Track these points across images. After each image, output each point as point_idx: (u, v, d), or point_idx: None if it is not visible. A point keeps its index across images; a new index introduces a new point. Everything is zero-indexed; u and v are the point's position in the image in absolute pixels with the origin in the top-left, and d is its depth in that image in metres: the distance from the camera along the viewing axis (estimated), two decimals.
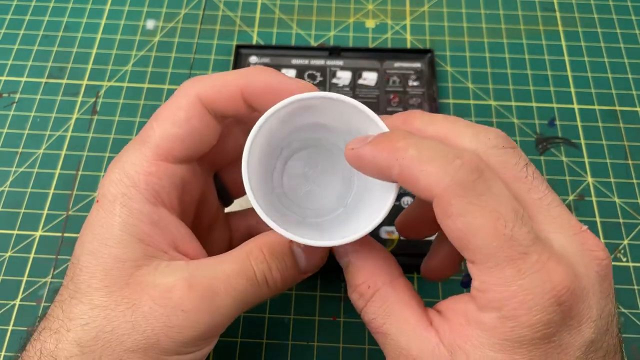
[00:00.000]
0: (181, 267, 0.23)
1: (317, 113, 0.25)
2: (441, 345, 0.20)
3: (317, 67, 0.42)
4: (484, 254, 0.19)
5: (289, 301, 0.34)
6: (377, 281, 0.23)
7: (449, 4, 0.47)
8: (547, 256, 0.19)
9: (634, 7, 0.47)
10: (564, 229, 0.21)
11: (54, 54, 0.44)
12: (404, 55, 0.43)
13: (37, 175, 0.39)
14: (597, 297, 0.20)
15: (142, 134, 0.25)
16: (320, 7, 0.47)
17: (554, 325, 0.19)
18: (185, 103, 0.24)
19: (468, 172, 0.19)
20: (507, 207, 0.19)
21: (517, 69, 0.44)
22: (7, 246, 0.36)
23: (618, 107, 0.42)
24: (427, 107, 0.41)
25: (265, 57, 0.43)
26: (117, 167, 0.24)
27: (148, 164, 0.24)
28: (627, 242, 0.37)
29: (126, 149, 0.25)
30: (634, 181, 0.39)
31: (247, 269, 0.23)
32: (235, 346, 0.33)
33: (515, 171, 0.21)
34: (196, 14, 0.47)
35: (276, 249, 0.24)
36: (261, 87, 0.24)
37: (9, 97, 0.42)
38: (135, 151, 0.24)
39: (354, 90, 0.41)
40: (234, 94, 0.24)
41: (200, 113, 0.24)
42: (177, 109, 0.24)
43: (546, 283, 0.19)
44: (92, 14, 0.46)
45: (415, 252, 0.34)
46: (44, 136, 0.40)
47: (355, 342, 0.33)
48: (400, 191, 0.30)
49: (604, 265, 0.20)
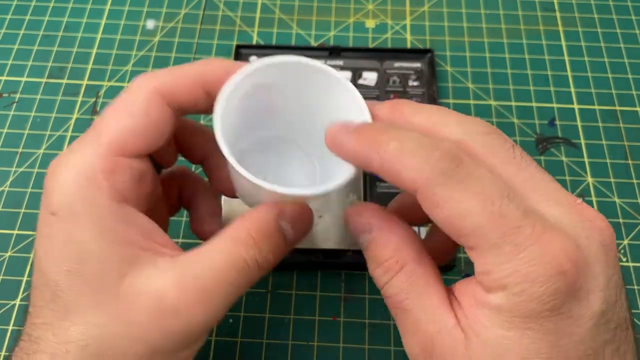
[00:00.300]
0: (167, 267, 0.22)
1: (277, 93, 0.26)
2: (458, 327, 0.21)
3: None
4: (477, 236, 0.19)
5: (289, 301, 0.34)
6: (405, 257, 0.22)
7: (449, 4, 0.47)
8: (541, 228, 0.19)
9: (634, 7, 0.47)
10: (559, 203, 0.21)
11: (54, 54, 0.44)
12: (404, 55, 0.43)
13: (38, 175, 0.39)
14: (603, 266, 0.20)
15: (94, 128, 0.23)
16: (320, 7, 0.47)
17: (560, 295, 0.18)
18: (143, 96, 0.23)
19: (448, 160, 0.19)
20: (491, 187, 0.19)
21: (517, 69, 0.44)
22: (7, 246, 0.36)
23: (618, 107, 0.42)
24: None
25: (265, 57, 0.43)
26: (68, 169, 0.22)
27: (105, 161, 0.23)
28: (627, 242, 0.37)
29: (75, 147, 0.23)
30: (634, 181, 0.39)
31: (237, 259, 0.22)
32: (235, 346, 0.33)
33: (503, 154, 0.21)
34: (196, 14, 0.47)
35: (264, 229, 0.23)
36: (221, 74, 0.24)
37: (9, 97, 0.42)
38: (87, 148, 0.23)
39: None
40: (194, 84, 0.24)
41: (159, 105, 0.23)
42: (135, 101, 0.23)
43: (546, 254, 0.19)
44: (92, 14, 0.46)
45: None
46: (44, 136, 0.40)
47: (355, 342, 0.33)
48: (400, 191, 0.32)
49: (607, 235, 0.20)
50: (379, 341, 0.33)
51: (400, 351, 0.33)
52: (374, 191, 0.36)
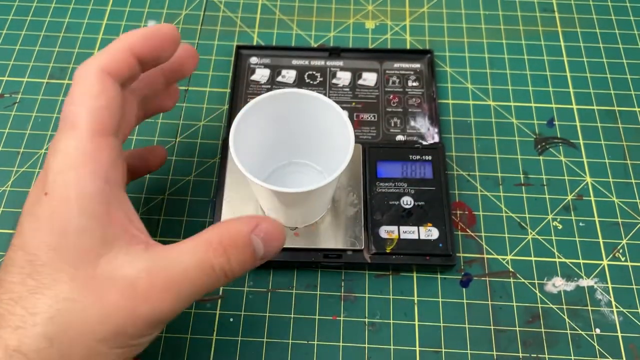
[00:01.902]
0: (142, 254, 0.24)
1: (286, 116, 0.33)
2: None
3: (317, 68, 0.43)
4: None
5: (289, 300, 0.35)
6: None
7: (448, 4, 0.48)
8: None
9: (633, 8, 0.47)
10: None
11: (55, 55, 0.44)
12: (404, 56, 0.43)
13: (39, 175, 0.39)
14: None
15: (65, 120, 0.25)
16: (320, 8, 0.47)
17: None
18: (93, 77, 0.25)
19: None
20: None
21: (516, 70, 0.44)
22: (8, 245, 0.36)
23: (617, 108, 0.42)
24: (426, 107, 0.41)
25: (265, 58, 0.43)
26: (59, 156, 0.24)
27: (90, 143, 0.24)
28: (626, 242, 0.37)
29: (58, 139, 0.25)
30: (633, 181, 0.39)
31: (205, 263, 0.24)
32: (235, 345, 0.33)
33: None
34: (197, 15, 0.47)
35: (236, 241, 0.25)
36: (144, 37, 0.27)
37: (11, 97, 0.42)
38: (69, 137, 0.24)
39: (354, 90, 0.42)
40: (127, 54, 0.26)
41: (110, 82, 0.25)
42: (89, 84, 0.25)
43: None
44: (93, 14, 0.47)
45: (413, 252, 0.34)
46: (46, 136, 0.41)
47: (355, 342, 0.33)
48: (400, 190, 0.36)
49: None
50: (379, 341, 0.33)
51: (400, 351, 0.33)
52: (373, 191, 0.36)
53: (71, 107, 0.25)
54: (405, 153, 0.38)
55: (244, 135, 0.30)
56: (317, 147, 0.35)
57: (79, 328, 0.22)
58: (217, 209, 0.35)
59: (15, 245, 0.24)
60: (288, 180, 0.36)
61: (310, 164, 0.37)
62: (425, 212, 0.36)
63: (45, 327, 0.22)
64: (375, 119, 0.40)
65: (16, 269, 0.23)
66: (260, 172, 0.35)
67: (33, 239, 0.23)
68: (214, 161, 0.40)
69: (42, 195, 0.24)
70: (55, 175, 0.24)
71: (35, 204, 0.24)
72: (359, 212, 0.35)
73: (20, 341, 0.22)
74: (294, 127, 0.33)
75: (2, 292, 0.23)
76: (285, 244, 0.33)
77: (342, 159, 0.29)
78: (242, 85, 0.42)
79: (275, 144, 0.34)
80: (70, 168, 0.24)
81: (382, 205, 0.36)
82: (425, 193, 0.36)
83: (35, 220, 0.24)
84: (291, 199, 0.30)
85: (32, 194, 0.25)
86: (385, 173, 0.37)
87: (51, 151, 0.25)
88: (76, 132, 0.24)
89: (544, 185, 0.39)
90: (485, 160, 0.40)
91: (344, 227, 0.35)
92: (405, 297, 0.35)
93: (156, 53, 0.27)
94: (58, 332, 0.22)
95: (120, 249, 0.24)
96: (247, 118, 0.30)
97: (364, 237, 0.35)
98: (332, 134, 0.32)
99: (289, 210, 0.33)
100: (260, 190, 0.30)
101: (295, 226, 0.35)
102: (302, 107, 0.32)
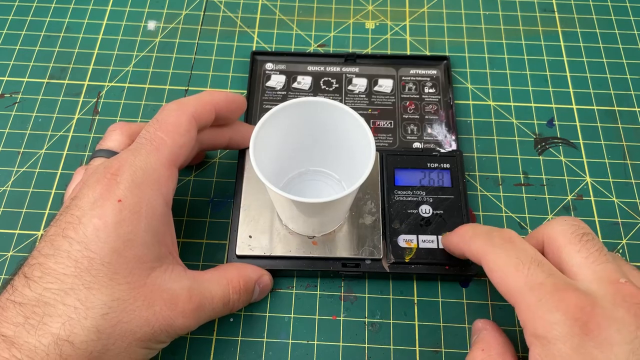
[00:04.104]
0: (183, 275, 0.28)
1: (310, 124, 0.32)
2: None
3: (332, 74, 0.42)
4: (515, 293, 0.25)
5: (289, 300, 0.35)
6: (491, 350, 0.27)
7: (448, 4, 0.48)
8: (563, 285, 0.24)
9: (633, 8, 0.47)
10: (600, 280, 0.24)
11: (56, 55, 0.44)
12: (420, 62, 0.43)
13: (39, 175, 0.39)
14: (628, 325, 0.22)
15: (152, 142, 0.29)
16: (320, 8, 0.47)
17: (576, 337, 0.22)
18: (185, 119, 0.30)
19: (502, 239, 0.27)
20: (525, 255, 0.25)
21: (516, 70, 0.44)
22: (9, 246, 0.36)
23: (616, 108, 0.42)
24: (443, 114, 0.40)
25: (280, 64, 0.43)
26: (137, 169, 0.27)
27: (166, 170, 0.28)
28: (626, 242, 0.37)
29: (139, 152, 0.28)
30: (632, 181, 0.39)
31: (226, 297, 0.30)
32: (235, 344, 0.33)
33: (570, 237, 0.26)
34: (197, 15, 0.47)
35: (248, 285, 0.31)
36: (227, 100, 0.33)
37: (11, 97, 0.42)
38: (151, 156, 0.28)
39: (370, 97, 0.41)
40: (211, 108, 0.32)
41: (194, 126, 0.30)
42: (180, 123, 0.30)
43: (560, 302, 0.23)
44: (93, 14, 0.47)
45: (432, 261, 0.34)
46: (46, 136, 0.41)
47: (355, 341, 0.33)
48: (418, 199, 0.36)
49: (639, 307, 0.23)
50: (379, 340, 0.33)
51: (400, 350, 0.33)
52: (391, 199, 0.36)
53: (160, 134, 0.29)
54: (423, 161, 0.37)
55: (263, 144, 0.30)
56: (335, 155, 0.34)
57: (125, 326, 0.25)
58: (234, 216, 0.35)
59: (72, 238, 0.25)
60: (306, 188, 0.36)
61: (328, 172, 0.36)
62: (444, 221, 0.35)
63: (96, 321, 0.24)
64: (392, 126, 0.40)
65: (71, 262, 0.25)
66: (278, 180, 0.35)
67: (97, 238, 0.25)
68: (232, 163, 0.40)
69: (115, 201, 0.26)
70: (131, 185, 0.27)
71: (102, 206, 0.26)
72: (377, 220, 0.35)
73: (71, 332, 0.24)
74: (312, 135, 0.33)
75: (49, 282, 0.25)
76: (303, 252, 0.34)
77: (361, 168, 0.28)
78: (257, 92, 0.41)
79: (293, 151, 0.34)
80: (147, 186, 0.27)
81: (401, 214, 0.35)
82: (443, 202, 0.36)
83: (102, 223, 0.26)
84: (310, 208, 0.30)
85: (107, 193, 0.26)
86: (403, 181, 0.37)
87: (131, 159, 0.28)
88: (159, 155, 0.28)
89: (543, 185, 0.39)
90: (485, 160, 0.40)
91: (362, 235, 0.34)
92: (405, 297, 0.35)
93: (230, 114, 0.33)
94: (107, 327, 0.25)
95: (167, 266, 0.28)
96: (267, 127, 0.30)
97: (382, 246, 0.34)
98: (351, 143, 0.31)
99: (307, 219, 0.33)
100: (279, 199, 0.30)
101: (313, 235, 0.34)
102: (321, 116, 0.31)
